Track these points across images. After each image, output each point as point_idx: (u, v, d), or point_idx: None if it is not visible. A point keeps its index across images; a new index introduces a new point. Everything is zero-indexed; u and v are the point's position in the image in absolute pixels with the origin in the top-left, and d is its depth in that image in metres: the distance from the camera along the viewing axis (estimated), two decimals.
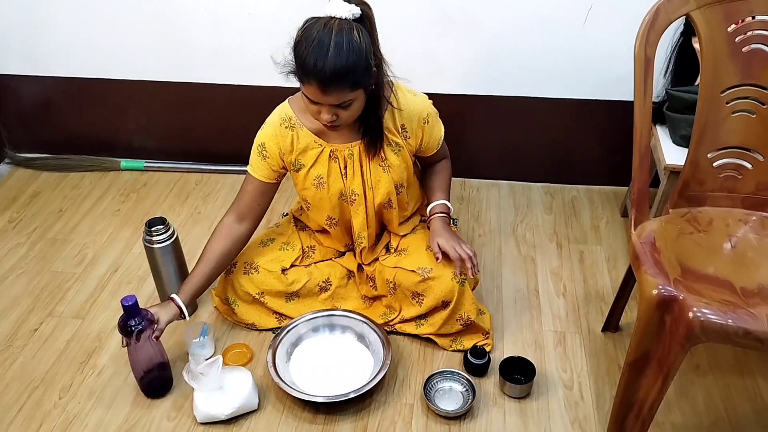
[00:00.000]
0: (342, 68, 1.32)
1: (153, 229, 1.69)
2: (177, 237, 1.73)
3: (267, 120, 1.62)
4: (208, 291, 1.91)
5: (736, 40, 1.38)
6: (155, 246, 1.69)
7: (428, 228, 1.70)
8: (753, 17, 1.37)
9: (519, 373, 1.62)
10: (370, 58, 1.37)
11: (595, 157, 2.33)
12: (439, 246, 1.61)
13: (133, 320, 1.49)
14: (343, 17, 1.35)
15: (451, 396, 1.60)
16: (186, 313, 1.61)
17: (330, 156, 1.60)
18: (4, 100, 2.47)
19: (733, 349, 1.71)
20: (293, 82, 2.36)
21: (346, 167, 1.61)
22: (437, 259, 1.60)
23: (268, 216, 2.25)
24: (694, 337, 1.20)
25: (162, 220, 1.70)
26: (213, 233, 1.68)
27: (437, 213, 1.69)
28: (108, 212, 2.28)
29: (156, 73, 2.33)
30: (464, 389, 1.61)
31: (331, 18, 1.35)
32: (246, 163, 2.45)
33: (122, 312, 1.49)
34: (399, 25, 2.09)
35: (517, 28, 2.07)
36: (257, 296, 1.73)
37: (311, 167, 1.61)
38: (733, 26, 1.37)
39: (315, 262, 1.81)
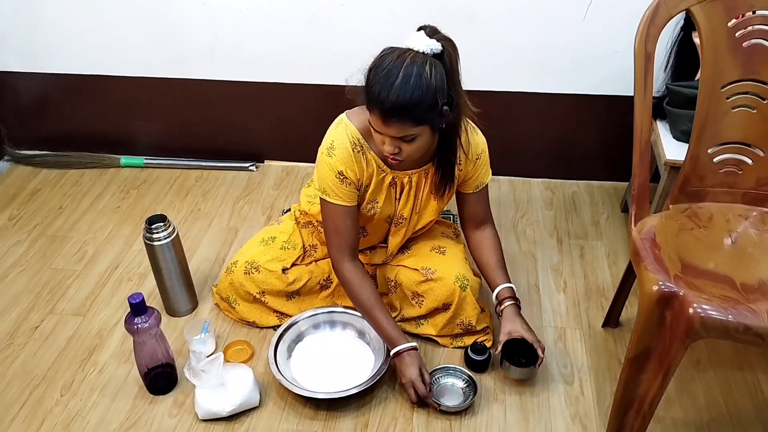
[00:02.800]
0: (405, 102, 1.29)
1: (153, 226, 1.68)
2: (177, 234, 1.73)
3: (332, 144, 1.50)
4: (208, 289, 1.92)
5: (737, 35, 1.37)
6: (155, 243, 1.69)
7: (498, 316, 1.63)
8: (753, 12, 1.37)
9: (522, 357, 1.60)
10: (440, 97, 1.32)
11: (595, 152, 2.33)
12: (512, 333, 1.56)
13: (140, 318, 1.49)
14: (421, 51, 1.31)
15: (452, 392, 1.60)
16: (415, 345, 1.56)
17: (390, 183, 1.57)
18: (3, 97, 2.46)
19: (734, 344, 1.71)
20: (292, 78, 2.37)
21: (401, 193, 1.59)
22: (495, 350, 1.58)
23: (268, 213, 2.26)
24: (695, 333, 1.20)
25: (162, 218, 1.70)
26: (351, 287, 1.59)
27: (509, 300, 1.61)
28: (108, 209, 2.28)
29: (155, 69, 2.33)
30: (465, 385, 1.61)
31: (408, 50, 1.31)
32: (246, 159, 2.48)
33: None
34: (398, 21, 2.09)
35: (517, 24, 2.07)
36: (258, 296, 1.73)
37: (371, 190, 1.56)
38: (733, 21, 1.37)
39: (316, 260, 1.80)
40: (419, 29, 1.33)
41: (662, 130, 1.86)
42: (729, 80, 1.40)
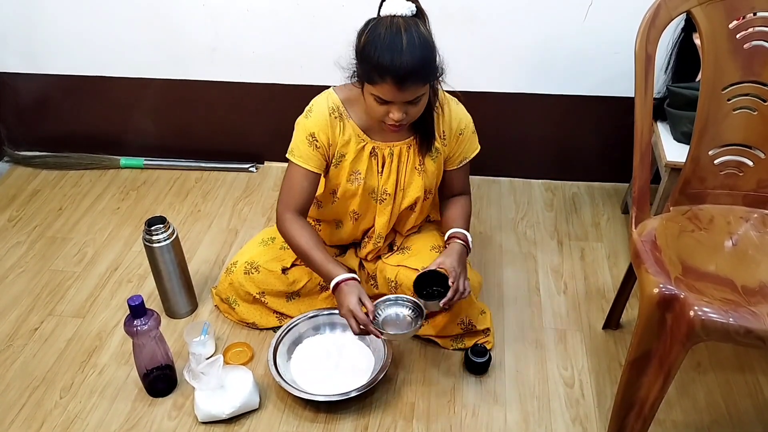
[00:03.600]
0: (419, 64, 1.32)
1: (153, 228, 1.68)
2: (177, 236, 1.73)
3: (312, 108, 1.55)
4: (208, 290, 1.91)
5: (738, 36, 1.37)
6: (155, 245, 1.69)
7: (445, 248, 1.62)
8: (754, 14, 1.37)
9: (436, 288, 1.54)
10: (437, 50, 1.38)
11: (595, 153, 2.33)
12: (441, 264, 1.53)
13: (140, 320, 1.49)
14: (404, 14, 1.34)
15: (398, 322, 1.55)
16: (354, 274, 1.52)
17: (371, 153, 1.58)
18: (2, 98, 2.46)
19: (734, 346, 1.71)
20: (292, 79, 2.36)
21: (383, 165, 1.60)
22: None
23: (268, 214, 2.25)
24: (695, 336, 1.20)
25: (162, 219, 1.70)
26: (291, 234, 1.56)
27: (457, 239, 1.60)
28: (108, 210, 2.28)
29: (155, 70, 2.32)
30: (412, 313, 1.55)
31: (392, 17, 1.34)
32: (246, 160, 2.48)
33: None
34: None
35: (517, 25, 2.07)
36: (258, 296, 1.73)
37: (351, 161, 1.58)
38: (734, 23, 1.37)
39: None
40: None
41: (663, 131, 1.85)
42: (730, 82, 1.40)
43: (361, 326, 1.46)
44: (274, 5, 2.13)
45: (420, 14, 1.38)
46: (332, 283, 1.50)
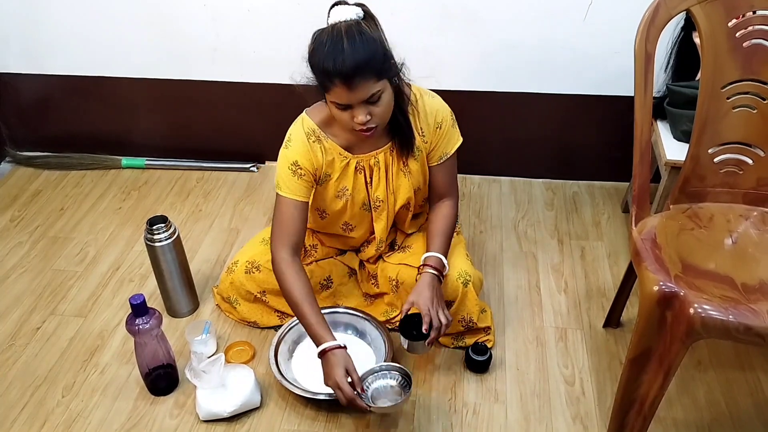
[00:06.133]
0: (362, 59, 1.31)
1: (154, 227, 1.69)
2: (178, 235, 1.73)
3: (290, 137, 1.55)
4: (209, 289, 1.92)
5: (737, 35, 1.37)
6: (156, 245, 1.69)
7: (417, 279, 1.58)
8: (754, 12, 1.37)
9: (420, 330, 1.51)
10: (386, 48, 1.37)
11: (596, 152, 2.33)
12: (413, 303, 1.52)
13: (141, 318, 1.50)
14: (349, 19, 1.35)
15: (387, 393, 1.52)
16: (340, 343, 1.47)
17: (356, 168, 1.57)
18: (4, 98, 2.47)
19: (734, 344, 1.71)
20: (294, 80, 2.35)
21: (371, 176, 1.59)
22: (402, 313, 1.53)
23: (269, 214, 2.25)
24: (695, 333, 1.20)
25: (163, 219, 1.71)
26: (284, 278, 1.52)
27: (430, 268, 1.56)
28: (109, 210, 2.28)
29: (156, 70, 2.33)
30: (399, 384, 1.52)
31: (335, 24, 1.35)
32: (247, 160, 2.48)
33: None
34: (398, 21, 2.08)
35: (518, 24, 2.07)
36: (259, 295, 1.74)
37: (337, 179, 1.58)
38: (733, 21, 1.37)
39: (316, 260, 1.81)
40: (332, 6, 1.37)
41: (663, 130, 1.85)
42: (729, 80, 1.40)
43: (350, 399, 1.41)
44: (275, 5, 2.13)
45: (367, 17, 1.37)
46: (319, 349, 1.46)
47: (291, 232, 1.55)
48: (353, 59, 1.31)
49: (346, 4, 1.37)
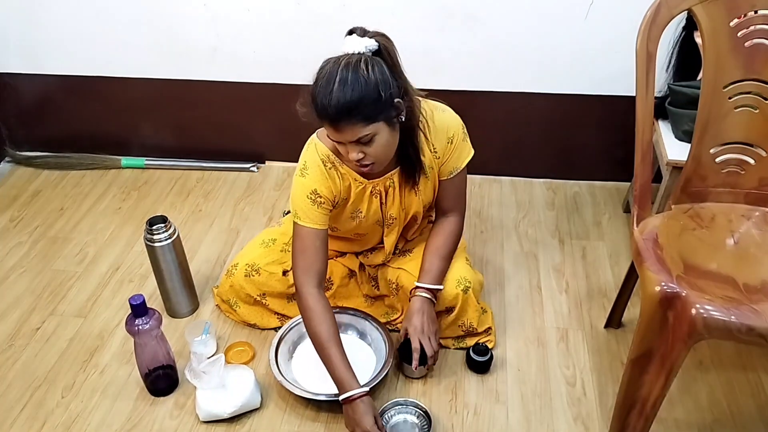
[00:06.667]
0: (346, 103, 1.28)
1: (154, 227, 1.68)
2: (178, 235, 1.73)
3: (306, 165, 1.50)
4: (209, 290, 1.91)
5: (739, 34, 1.37)
6: (156, 245, 1.69)
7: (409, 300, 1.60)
8: (755, 12, 1.36)
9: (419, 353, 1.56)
10: (384, 90, 1.30)
11: (597, 152, 2.32)
12: (407, 333, 1.56)
13: (141, 319, 1.49)
14: (359, 52, 1.31)
15: (406, 428, 1.53)
16: (366, 390, 1.45)
17: (371, 192, 1.55)
18: (4, 98, 2.46)
19: (736, 345, 1.71)
20: (293, 79, 2.36)
21: (386, 196, 1.57)
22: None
23: (269, 214, 2.25)
24: (697, 334, 1.20)
25: (163, 219, 1.70)
26: (311, 315, 1.50)
27: (423, 291, 1.57)
28: (109, 210, 2.28)
29: (156, 70, 2.32)
30: (418, 419, 1.54)
31: (345, 55, 1.32)
32: (247, 160, 2.48)
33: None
34: (399, 21, 2.08)
35: (518, 24, 2.07)
36: (259, 298, 1.73)
37: (351, 202, 1.55)
38: (735, 21, 1.36)
39: None
40: (349, 33, 1.34)
41: (664, 130, 1.85)
42: (731, 80, 1.40)
43: None
44: (275, 5, 2.13)
45: (381, 51, 1.32)
46: (345, 395, 1.43)
47: (314, 261, 1.51)
48: (338, 103, 1.28)
49: (368, 32, 1.33)
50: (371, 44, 1.31)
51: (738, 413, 1.56)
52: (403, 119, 1.38)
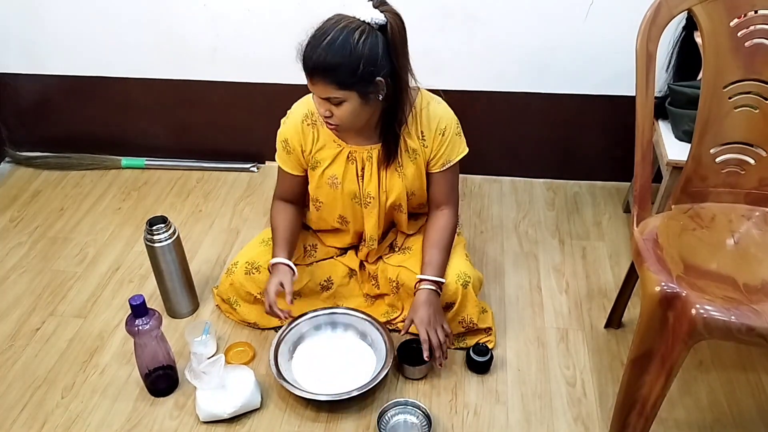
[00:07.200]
0: (324, 63, 1.33)
1: (154, 228, 1.68)
2: (178, 236, 1.73)
3: (289, 113, 1.61)
4: (209, 290, 1.91)
5: (739, 34, 1.37)
6: (156, 245, 1.69)
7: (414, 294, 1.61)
8: (755, 12, 1.37)
9: (418, 356, 1.59)
10: (366, 64, 1.33)
11: (597, 152, 2.32)
12: (414, 324, 1.56)
13: (141, 319, 1.49)
14: (363, 20, 1.34)
15: (406, 428, 1.53)
16: (296, 270, 1.63)
17: (348, 157, 1.58)
18: (4, 98, 2.46)
19: (736, 345, 1.71)
20: (293, 79, 2.35)
21: (363, 169, 1.59)
22: (398, 331, 1.56)
23: (269, 214, 2.25)
24: (697, 334, 1.20)
25: (163, 219, 1.70)
26: (272, 214, 1.71)
27: (427, 284, 1.58)
28: (109, 211, 2.28)
29: (156, 70, 2.33)
30: (419, 421, 1.54)
31: (352, 18, 1.35)
32: (247, 160, 2.48)
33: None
34: None
35: (518, 24, 2.06)
36: (259, 296, 1.73)
37: (327, 167, 1.60)
38: (735, 21, 1.36)
39: (316, 261, 1.80)
40: None
41: (664, 130, 1.85)
42: (731, 80, 1.40)
43: (269, 305, 1.57)
44: (275, 5, 2.13)
45: (385, 28, 1.35)
46: (270, 263, 1.63)
47: (286, 192, 1.71)
48: (318, 59, 1.34)
49: (385, 4, 1.37)
50: (378, 17, 1.35)
51: (738, 413, 1.56)
52: (381, 98, 1.42)
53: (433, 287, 1.58)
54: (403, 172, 1.58)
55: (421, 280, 1.59)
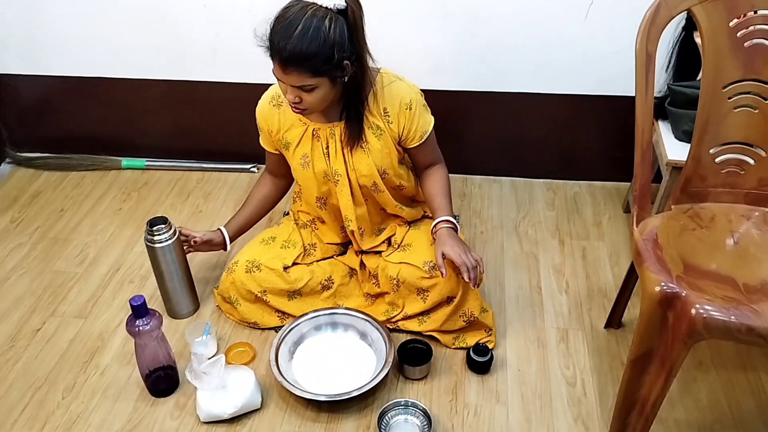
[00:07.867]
0: (301, 52, 1.35)
1: (154, 228, 1.68)
2: (179, 236, 1.73)
3: (262, 97, 1.68)
4: (209, 291, 1.92)
5: (738, 34, 1.37)
6: (156, 245, 1.69)
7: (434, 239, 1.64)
8: (755, 12, 1.37)
9: (416, 357, 1.63)
10: (338, 50, 1.37)
11: (597, 152, 2.32)
12: (444, 254, 1.56)
13: (141, 320, 1.49)
14: (325, 6, 1.36)
15: (407, 428, 1.54)
16: (228, 243, 1.79)
17: (313, 135, 1.62)
18: (4, 99, 2.47)
19: (736, 345, 1.71)
20: None
21: (328, 147, 1.62)
22: (442, 274, 1.55)
23: (270, 215, 2.25)
24: (697, 334, 1.20)
25: (163, 220, 1.70)
26: (255, 184, 1.86)
27: (444, 224, 1.63)
28: (109, 211, 2.28)
29: (156, 71, 2.33)
30: (420, 422, 1.54)
31: (312, 4, 1.36)
32: (247, 161, 2.49)
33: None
34: (398, 21, 2.08)
35: (518, 24, 2.07)
36: (260, 294, 1.73)
37: (297, 146, 1.64)
38: (734, 21, 1.36)
39: (317, 260, 1.81)
40: None
41: (664, 130, 1.85)
42: (731, 80, 1.40)
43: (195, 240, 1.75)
44: (275, 6, 2.10)
45: (346, 12, 1.38)
46: (220, 227, 1.81)
47: (270, 166, 1.82)
48: (293, 50, 1.35)
49: None
50: (339, 2, 1.37)
51: (738, 413, 1.56)
52: (346, 80, 1.45)
53: (451, 226, 1.62)
54: (369, 147, 1.60)
55: (438, 222, 1.63)
